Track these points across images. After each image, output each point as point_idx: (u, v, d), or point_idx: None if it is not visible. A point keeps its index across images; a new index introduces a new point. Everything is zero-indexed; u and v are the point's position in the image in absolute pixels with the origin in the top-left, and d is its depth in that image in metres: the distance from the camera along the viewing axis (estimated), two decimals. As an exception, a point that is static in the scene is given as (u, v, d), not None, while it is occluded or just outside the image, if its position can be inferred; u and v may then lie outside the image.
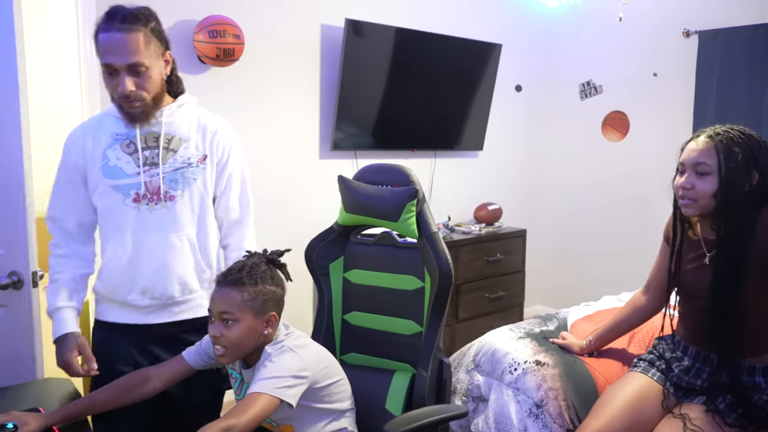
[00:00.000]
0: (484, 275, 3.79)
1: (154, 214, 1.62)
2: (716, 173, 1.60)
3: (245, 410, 1.32)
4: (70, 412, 1.44)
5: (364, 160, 3.54)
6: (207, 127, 1.72)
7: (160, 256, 1.64)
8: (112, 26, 1.50)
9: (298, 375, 1.43)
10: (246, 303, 1.44)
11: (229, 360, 1.49)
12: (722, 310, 1.62)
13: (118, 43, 1.50)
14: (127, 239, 1.62)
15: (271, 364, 1.43)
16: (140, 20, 1.53)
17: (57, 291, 1.66)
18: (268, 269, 1.52)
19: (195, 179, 1.67)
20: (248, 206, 1.81)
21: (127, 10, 1.53)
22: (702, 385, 1.72)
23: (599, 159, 4.31)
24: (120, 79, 1.53)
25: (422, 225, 1.83)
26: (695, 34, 3.69)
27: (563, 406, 1.90)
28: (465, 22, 3.96)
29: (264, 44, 3.08)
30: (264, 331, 1.48)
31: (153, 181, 1.62)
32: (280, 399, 1.37)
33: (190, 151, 1.67)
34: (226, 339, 1.43)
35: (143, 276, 1.64)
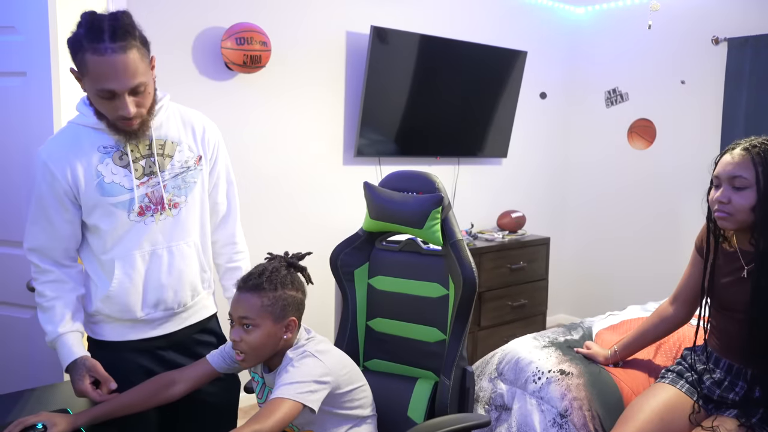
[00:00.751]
0: (506, 283, 3.77)
1: (161, 225, 1.57)
2: (754, 186, 1.57)
3: (269, 415, 1.32)
4: (97, 413, 1.46)
5: (387, 167, 3.54)
6: (194, 125, 1.65)
7: (173, 267, 1.61)
8: (103, 47, 1.35)
9: (320, 380, 1.43)
10: (266, 308, 1.45)
11: (249, 364, 1.50)
12: (761, 324, 1.59)
13: (118, 66, 1.37)
14: (137, 257, 1.55)
15: (293, 369, 1.43)
16: (130, 33, 1.39)
17: (56, 317, 1.54)
18: (289, 273, 1.52)
19: (195, 182, 1.63)
20: (235, 201, 1.80)
21: (111, 21, 1.37)
22: (734, 398, 1.69)
23: (624, 167, 4.26)
24: (121, 102, 1.41)
25: (447, 232, 1.82)
26: (724, 41, 3.64)
27: (588, 416, 1.87)
28: (490, 29, 3.96)
29: (290, 51, 3.11)
30: (284, 336, 1.49)
31: (155, 192, 1.55)
32: (303, 404, 1.37)
33: (185, 154, 1.61)
34: (246, 344, 1.44)
35: (157, 290, 1.60)
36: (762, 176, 1.56)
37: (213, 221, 1.74)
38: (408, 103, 3.46)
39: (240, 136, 3.00)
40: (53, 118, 1.93)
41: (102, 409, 1.47)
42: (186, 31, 2.80)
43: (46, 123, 1.93)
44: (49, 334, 1.55)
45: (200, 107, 2.81)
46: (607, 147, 4.36)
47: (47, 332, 1.55)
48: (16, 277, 1.97)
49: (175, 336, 1.66)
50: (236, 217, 1.81)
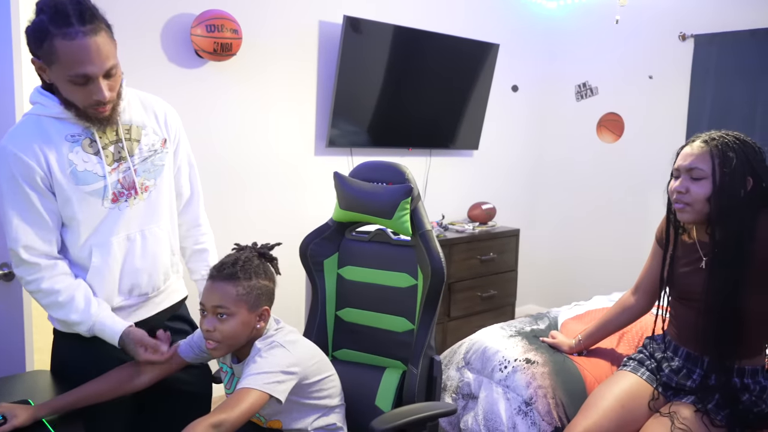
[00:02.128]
0: (477, 274, 3.80)
1: (135, 210, 1.56)
2: (710, 178, 1.62)
3: (235, 405, 1.33)
4: (59, 404, 1.44)
5: (359, 158, 3.54)
6: (155, 110, 1.64)
7: (146, 251, 1.60)
8: (73, 31, 1.31)
9: (288, 371, 1.44)
10: (241, 297, 1.45)
11: (220, 354, 1.49)
12: (717, 314, 1.64)
13: (91, 49, 1.33)
14: (114, 243, 1.53)
15: (261, 360, 1.44)
16: (96, 15, 1.36)
17: (80, 305, 1.49)
18: (261, 263, 1.52)
19: (163, 165, 1.63)
20: (198, 184, 1.80)
21: (75, 5, 1.33)
22: (692, 385, 1.74)
23: (593, 160, 4.33)
24: (95, 87, 1.37)
25: (416, 223, 1.83)
26: (691, 37, 3.71)
27: (552, 404, 1.91)
28: (463, 21, 3.97)
29: (262, 39, 3.08)
30: (257, 325, 1.49)
31: (126, 177, 1.53)
32: (270, 394, 1.38)
33: (150, 137, 1.60)
34: (220, 333, 1.44)
35: (132, 275, 1.59)
36: (718, 168, 1.60)
37: (177, 205, 1.74)
38: (381, 93, 3.45)
39: (210, 125, 2.96)
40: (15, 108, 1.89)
41: (65, 399, 1.45)
42: (155, 17, 2.75)
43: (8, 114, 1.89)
44: (81, 323, 1.49)
45: (169, 95, 2.77)
46: (576, 140, 4.43)
47: (77, 322, 1.49)
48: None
49: (149, 323, 1.65)
50: (200, 199, 1.81)
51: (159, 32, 2.76)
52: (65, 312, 1.49)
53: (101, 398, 1.49)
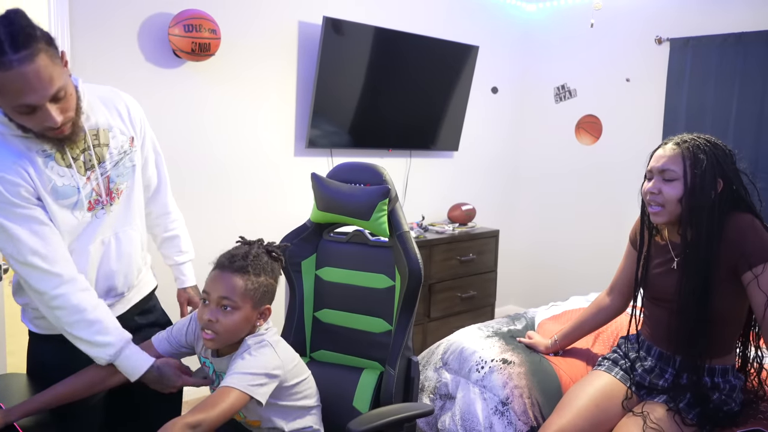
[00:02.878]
0: (456, 275, 3.82)
1: (111, 216, 1.55)
2: (682, 179, 1.65)
3: (215, 405, 1.32)
4: (31, 406, 1.42)
5: (339, 159, 3.54)
6: (117, 106, 1.57)
7: (121, 253, 1.59)
8: (7, 60, 1.19)
9: (272, 374, 1.43)
10: (248, 292, 1.43)
11: (216, 346, 1.47)
12: (688, 314, 1.67)
13: (30, 78, 1.22)
14: (92, 251, 1.52)
15: (250, 357, 1.42)
16: (32, 36, 1.22)
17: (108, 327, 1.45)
18: (269, 261, 1.51)
19: (134, 165, 1.60)
20: (165, 171, 1.78)
21: (7, 28, 1.21)
22: (664, 384, 1.76)
23: (572, 162, 4.38)
24: (44, 114, 1.28)
25: (394, 224, 1.84)
26: (667, 41, 3.77)
27: (528, 403, 1.93)
28: (443, 23, 3.99)
29: (241, 40, 3.06)
30: (257, 323, 1.48)
31: (100, 184, 1.51)
32: (251, 396, 1.37)
33: (118, 139, 1.55)
34: (221, 325, 1.41)
35: (107, 278, 1.58)
36: (689, 169, 1.64)
37: (146, 195, 1.72)
38: (361, 95, 3.46)
39: (188, 126, 2.94)
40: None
41: (37, 401, 1.43)
42: (132, 17, 2.72)
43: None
44: (108, 346, 1.44)
45: (147, 95, 2.76)
46: (555, 142, 4.47)
47: (104, 344, 1.43)
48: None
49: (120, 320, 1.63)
50: (167, 186, 1.80)
51: (136, 32, 2.74)
52: (91, 332, 1.43)
53: (74, 398, 1.47)
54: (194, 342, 1.60)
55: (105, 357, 1.45)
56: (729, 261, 1.62)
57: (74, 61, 2.55)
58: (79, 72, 2.55)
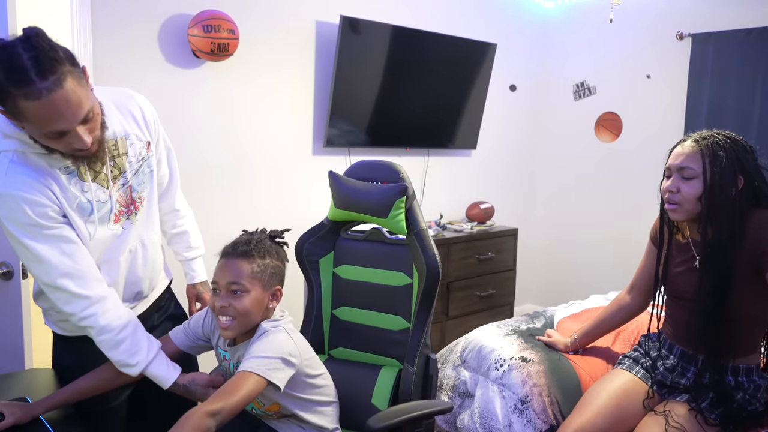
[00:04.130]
0: (475, 273, 3.81)
1: (137, 225, 1.56)
2: (701, 177, 1.62)
3: (235, 391, 1.32)
4: (55, 400, 1.45)
5: (357, 157, 3.55)
6: (131, 110, 1.54)
7: (147, 259, 1.62)
8: (36, 89, 1.16)
9: (288, 359, 1.44)
10: (255, 275, 1.46)
11: (233, 333, 1.48)
12: (710, 312, 1.65)
13: (60, 105, 1.20)
14: (122, 261, 1.53)
15: (266, 340, 1.44)
16: (56, 60, 1.19)
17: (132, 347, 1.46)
18: (273, 244, 1.54)
19: (152, 170, 1.60)
20: (176, 167, 1.78)
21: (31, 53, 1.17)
22: (686, 383, 1.74)
23: (592, 160, 4.34)
24: (74, 137, 1.27)
25: (411, 222, 1.84)
26: (688, 36, 3.72)
27: (547, 402, 1.92)
28: (460, 21, 3.98)
29: (259, 40, 3.08)
30: (269, 304, 1.50)
31: (123, 194, 1.50)
32: (268, 380, 1.38)
33: (136, 146, 1.53)
34: (234, 309, 1.44)
35: (135, 284, 1.60)
36: (708, 167, 1.61)
37: (158, 192, 1.71)
38: (378, 93, 3.46)
39: (208, 125, 2.97)
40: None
41: (60, 396, 1.46)
42: (152, 18, 2.75)
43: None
44: (134, 366, 1.45)
45: (166, 96, 2.79)
46: (575, 140, 4.43)
47: (131, 365, 1.45)
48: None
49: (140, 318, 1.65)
50: (177, 182, 1.80)
51: (156, 33, 2.77)
52: (118, 353, 1.44)
53: (96, 391, 1.50)
54: (211, 333, 1.61)
55: (131, 374, 1.47)
56: (751, 259, 1.59)
57: (96, 63, 2.59)
58: (100, 73, 2.59)
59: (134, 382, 1.54)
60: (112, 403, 1.60)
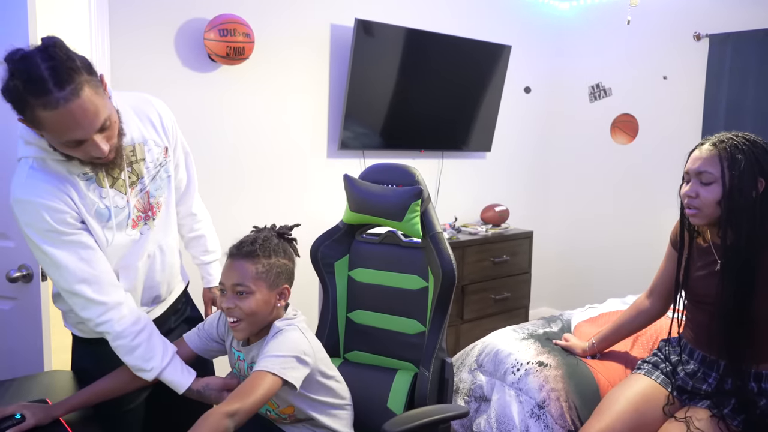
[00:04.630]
0: (489, 276, 3.79)
1: (155, 230, 1.57)
2: (720, 181, 1.60)
3: (251, 392, 1.32)
4: (75, 402, 1.47)
5: (371, 160, 3.55)
6: (149, 116, 1.55)
7: (165, 263, 1.63)
8: (53, 99, 1.18)
9: (302, 358, 1.43)
10: (260, 275, 1.45)
11: (244, 333, 1.47)
12: (732, 317, 1.62)
13: (77, 114, 1.21)
14: (140, 267, 1.54)
15: (281, 339, 1.43)
16: (73, 69, 1.20)
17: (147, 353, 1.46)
18: (280, 243, 1.52)
19: (169, 176, 1.61)
20: (194, 171, 1.78)
21: (49, 63, 1.18)
22: (707, 389, 1.72)
23: (607, 162, 4.30)
24: (91, 146, 1.28)
25: (426, 225, 1.83)
26: (706, 37, 3.68)
27: (565, 407, 1.90)
28: (475, 23, 3.96)
29: (274, 43, 3.10)
30: (277, 303, 1.49)
31: (141, 200, 1.51)
32: (284, 379, 1.37)
33: (154, 151, 1.54)
34: (240, 310, 1.43)
35: (153, 288, 1.62)
36: (727, 171, 1.58)
37: (175, 195, 1.71)
38: (393, 96, 3.46)
39: (223, 129, 2.99)
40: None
41: (79, 398, 1.47)
42: (168, 23, 2.77)
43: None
44: (149, 371, 1.46)
45: (183, 99, 2.81)
46: (590, 142, 4.40)
47: (146, 370, 1.46)
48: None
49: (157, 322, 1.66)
50: (195, 186, 1.80)
51: (173, 37, 2.79)
52: (133, 358, 1.45)
53: (115, 393, 1.51)
54: (225, 334, 1.62)
55: (146, 378, 1.48)
56: None
57: (113, 67, 2.61)
58: (118, 78, 2.61)
59: (151, 385, 1.55)
60: (129, 406, 1.61)
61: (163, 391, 1.61)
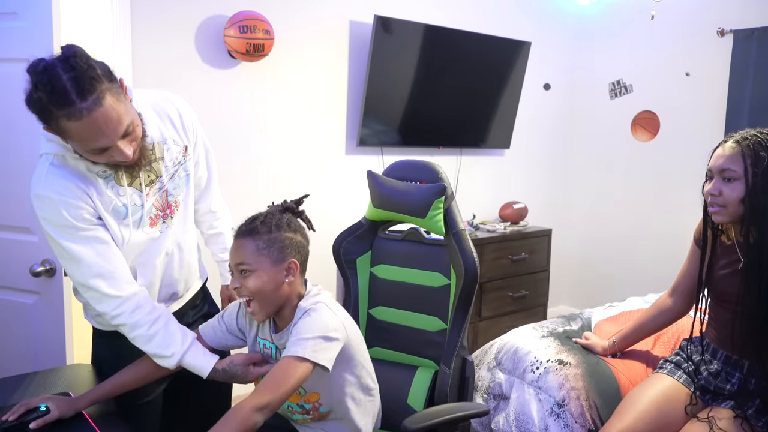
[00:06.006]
0: (508, 274, 3.77)
1: (173, 228, 1.58)
2: (743, 179, 1.58)
3: (282, 381, 1.28)
4: (98, 394, 1.48)
5: (390, 157, 3.54)
6: (170, 115, 1.55)
7: (183, 261, 1.64)
8: (77, 109, 1.20)
9: (331, 336, 1.38)
10: (261, 251, 1.40)
11: (260, 315, 1.44)
12: (755, 316, 1.60)
13: (100, 123, 1.23)
14: (158, 264, 1.56)
15: (308, 320, 1.38)
16: (95, 78, 1.22)
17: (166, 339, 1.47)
18: (285, 216, 1.48)
19: (188, 174, 1.61)
20: (214, 167, 1.76)
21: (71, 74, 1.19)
22: (731, 389, 1.70)
23: (628, 159, 4.26)
24: (115, 151, 1.31)
25: (449, 222, 1.83)
26: (730, 33, 3.62)
27: (585, 405, 1.89)
28: (494, 19, 3.94)
29: (293, 40, 3.10)
30: (285, 279, 1.43)
31: (159, 198, 1.52)
32: (315, 363, 1.33)
33: (173, 150, 1.54)
34: (246, 290, 1.40)
35: (170, 285, 1.63)
36: (750, 168, 1.56)
37: (195, 192, 1.72)
38: (411, 93, 3.45)
39: (242, 125, 3.00)
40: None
41: (101, 390, 1.48)
42: (189, 19, 2.79)
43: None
44: (169, 358, 1.46)
45: (202, 95, 2.83)
46: (610, 139, 4.36)
47: (164, 356, 1.46)
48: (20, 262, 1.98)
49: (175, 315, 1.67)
50: (216, 183, 1.80)
51: (193, 34, 2.81)
52: (151, 346, 1.46)
53: (136, 384, 1.52)
54: (246, 326, 1.58)
55: (168, 366, 1.48)
56: None
57: (135, 64, 2.64)
58: (139, 74, 2.63)
59: (171, 375, 1.55)
60: (147, 398, 1.62)
61: (181, 383, 1.63)
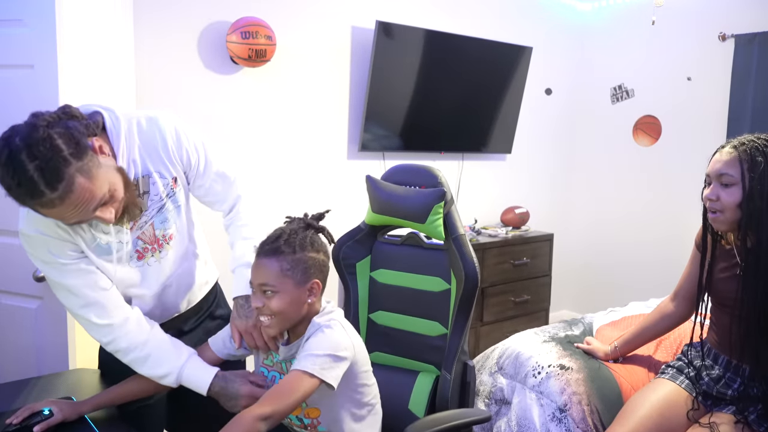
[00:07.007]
0: (509, 279, 3.77)
1: (167, 260, 1.54)
2: (740, 184, 1.58)
3: (287, 394, 1.28)
4: (102, 400, 1.48)
5: (392, 161, 3.55)
6: (156, 146, 1.46)
7: (181, 286, 1.62)
8: (47, 200, 1.19)
9: (340, 355, 1.37)
10: (285, 273, 1.39)
11: (275, 330, 1.44)
12: (755, 320, 1.60)
13: (74, 206, 1.22)
14: (153, 296, 1.55)
15: (321, 336, 1.38)
16: (61, 161, 1.17)
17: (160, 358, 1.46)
18: (308, 235, 1.46)
19: (179, 206, 1.55)
20: (225, 173, 1.63)
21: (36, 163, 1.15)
22: (732, 394, 1.69)
23: (629, 164, 4.26)
24: (94, 218, 1.29)
25: (449, 227, 1.83)
26: (731, 37, 3.63)
27: (587, 410, 1.89)
28: (496, 24, 3.95)
29: (295, 45, 3.11)
30: (307, 299, 1.43)
31: (145, 232, 1.48)
32: (321, 380, 1.33)
33: (158, 185, 1.47)
34: (269, 309, 1.39)
35: (173, 309, 1.62)
36: (747, 173, 1.56)
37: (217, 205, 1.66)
38: (413, 98, 3.46)
39: (244, 130, 3.01)
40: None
41: (106, 397, 1.49)
42: (191, 25, 2.80)
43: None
44: (166, 377, 1.46)
45: (205, 101, 2.84)
46: (612, 143, 4.36)
47: (163, 375, 1.46)
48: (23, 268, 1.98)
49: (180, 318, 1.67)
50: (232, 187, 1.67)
51: (196, 40, 2.82)
52: (147, 367, 1.46)
53: (139, 395, 1.52)
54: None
55: (169, 384, 1.48)
56: None
57: (137, 70, 2.65)
58: (141, 80, 2.64)
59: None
60: (149, 401, 1.61)
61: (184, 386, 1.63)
